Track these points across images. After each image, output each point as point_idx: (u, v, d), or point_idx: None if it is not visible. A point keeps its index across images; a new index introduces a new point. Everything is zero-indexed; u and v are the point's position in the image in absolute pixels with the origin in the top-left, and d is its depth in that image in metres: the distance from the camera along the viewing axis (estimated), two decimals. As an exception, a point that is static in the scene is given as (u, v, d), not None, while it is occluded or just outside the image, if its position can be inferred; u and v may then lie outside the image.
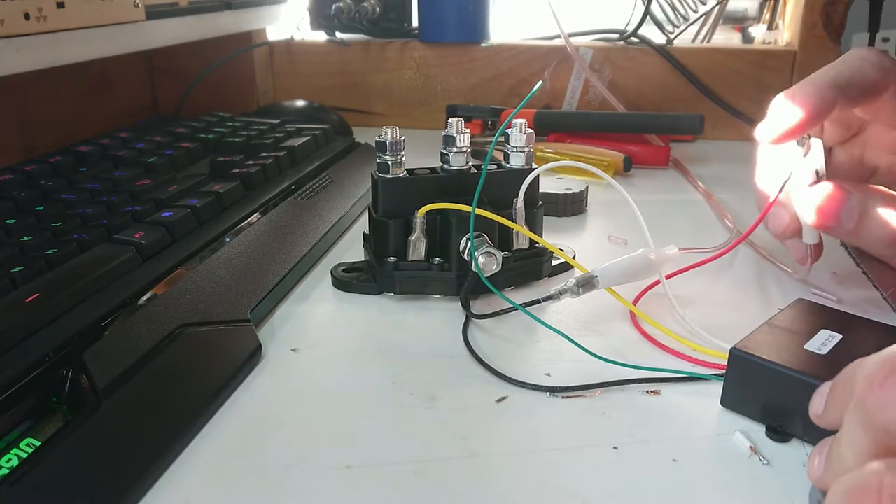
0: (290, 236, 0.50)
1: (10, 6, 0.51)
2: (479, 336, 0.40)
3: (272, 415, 0.33)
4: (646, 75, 0.83)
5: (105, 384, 0.32)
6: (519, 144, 0.45)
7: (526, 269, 0.45)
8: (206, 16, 0.75)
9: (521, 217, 0.43)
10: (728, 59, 0.82)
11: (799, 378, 0.30)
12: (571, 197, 0.59)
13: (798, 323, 0.35)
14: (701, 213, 0.60)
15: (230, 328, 0.38)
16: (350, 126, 0.79)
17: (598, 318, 0.42)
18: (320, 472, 0.29)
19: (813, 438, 0.30)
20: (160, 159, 0.59)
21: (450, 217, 0.43)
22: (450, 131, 0.44)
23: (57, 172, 0.55)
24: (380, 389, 0.35)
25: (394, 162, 0.44)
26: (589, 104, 0.84)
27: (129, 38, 0.64)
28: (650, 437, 0.32)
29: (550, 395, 0.34)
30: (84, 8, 0.58)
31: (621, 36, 0.85)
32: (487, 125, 0.80)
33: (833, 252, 0.51)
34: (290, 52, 0.90)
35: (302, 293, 0.45)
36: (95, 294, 0.39)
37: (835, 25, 0.78)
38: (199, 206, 0.49)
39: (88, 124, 0.74)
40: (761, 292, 0.45)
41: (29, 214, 0.47)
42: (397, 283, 0.44)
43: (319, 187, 0.59)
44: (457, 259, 0.43)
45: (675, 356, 0.38)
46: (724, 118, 0.82)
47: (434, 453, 0.30)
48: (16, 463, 0.28)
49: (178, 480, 0.29)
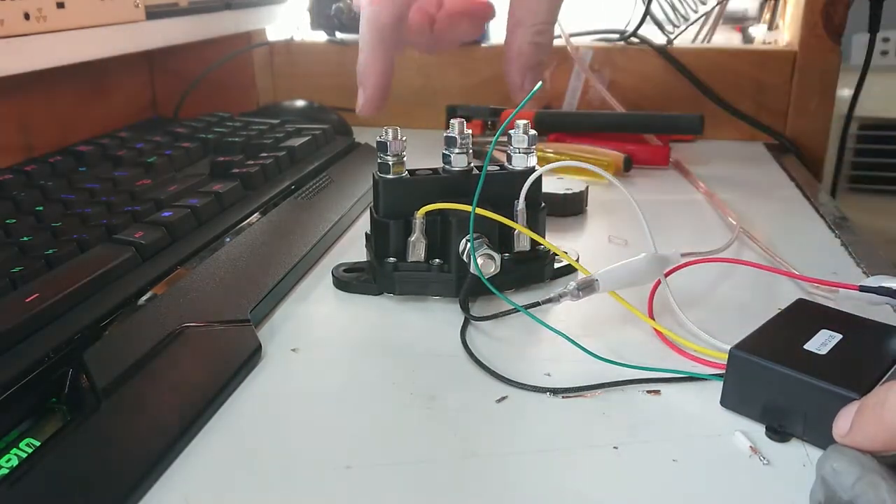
0: (290, 236, 0.50)
1: (10, 6, 0.51)
2: (479, 337, 0.40)
3: (272, 415, 0.33)
4: (646, 75, 0.83)
5: (105, 384, 0.32)
6: (521, 145, 0.45)
7: (527, 271, 0.45)
8: (206, 16, 0.75)
9: (522, 218, 0.43)
10: (728, 59, 0.82)
11: (799, 378, 0.30)
12: (571, 197, 0.59)
13: (798, 323, 0.35)
14: (701, 214, 0.60)
15: (230, 328, 0.38)
16: (350, 126, 0.79)
17: (598, 319, 0.42)
18: (320, 472, 0.29)
19: (813, 438, 0.30)
20: (160, 159, 0.59)
21: (450, 218, 0.43)
22: (451, 132, 0.44)
23: (57, 172, 0.55)
24: (380, 389, 0.35)
25: (395, 162, 0.44)
26: (589, 104, 0.84)
27: (129, 38, 0.64)
28: (650, 437, 0.32)
29: (550, 396, 0.34)
30: (84, 8, 0.58)
31: (621, 36, 0.84)
32: (487, 125, 0.80)
33: (833, 252, 0.51)
34: (290, 52, 0.90)
35: (302, 293, 0.45)
36: (95, 294, 0.39)
37: (835, 25, 0.78)
38: (198, 206, 0.49)
39: (88, 124, 0.74)
40: (761, 292, 0.45)
41: (29, 214, 0.47)
42: (397, 284, 0.44)
43: (319, 187, 0.59)
44: (456, 260, 0.43)
45: (675, 356, 0.38)
46: (724, 118, 0.82)
47: (434, 453, 0.30)
48: (16, 463, 0.28)
49: (178, 480, 0.29)
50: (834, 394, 0.29)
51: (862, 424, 0.27)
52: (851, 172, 1.44)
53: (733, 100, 0.82)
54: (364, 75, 0.50)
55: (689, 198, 0.64)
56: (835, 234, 0.54)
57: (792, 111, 0.82)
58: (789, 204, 0.63)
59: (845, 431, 0.27)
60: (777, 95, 0.82)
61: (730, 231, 0.54)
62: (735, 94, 0.82)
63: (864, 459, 0.26)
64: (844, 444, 0.27)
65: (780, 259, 0.49)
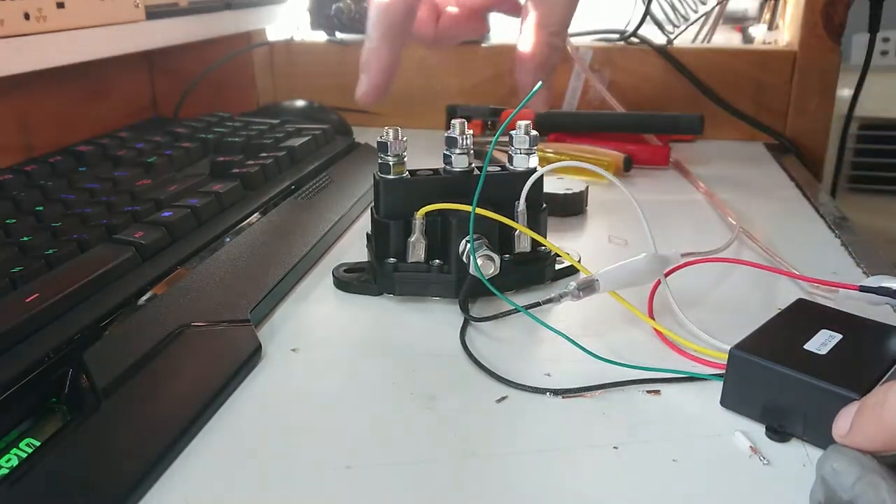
0: (290, 236, 0.50)
1: (10, 6, 0.51)
2: (480, 338, 0.40)
3: (272, 415, 0.33)
4: (646, 75, 0.83)
5: (105, 384, 0.32)
6: (523, 146, 0.45)
7: (527, 272, 0.45)
8: (206, 16, 0.75)
9: (523, 219, 0.43)
10: (728, 59, 0.82)
11: (799, 378, 0.30)
12: (572, 197, 0.59)
13: (798, 323, 0.35)
14: (701, 213, 0.60)
15: (230, 328, 0.38)
16: (350, 126, 0.79)
17: (598, 319, 0.42)
18: (320, 472, 0.29)
19: (813, 438, 0.30)
20: (160, 159, 0.59)
21: (450, 218, 0.43)
22: (452, 132, 0.44)
23: (57, 172, 0.55)
24: (380, 389, 0.35)
25: (395, 162, 0.44)
26: (589, 104, 0.84)
27: (129, 38, 0.64)
28: (650, 437, 0.32)
29: (551, 396, 0.34)
30: (84, 8, 0.58)
31: (621, 36, 0.85)
32: (487, 125, 0.80)
33: (833, 252, 0.51)
34: (290, 52, 0.90)
35: (302, 293, 0.45)
36: (95, 294, 0.39)
37: (835, 25, 0.78)
38: (198, 206, 0.49)
39: (88, 124, 0.74)
40: (761, 292, 0.45)
41: (29, 214, 0.47)
42: (397, 285, 0.44)
43: (319, 187, 0.59)
44: (456, 261, 0.43)
45: (675, 356, 0.38)
46: (724, 118, 0.82)
47: (434, 453, 0.30)
48: (16, 463, 0.28)
49: (178, 480, 0.29)
50: (834, 394, 0.29)
51: (861, 424, 0.27)
52: (851, 172, 1.44)
53: (733, 100, 0.82)
54: (369, 61, 0.49)
55: (689, 198, 0.64)
56: (835, 234, 0.54)
57: (792, 111, 0.82)
58: (789, 204, 0.63)
59: (845, 431, 0.27)
60: (777, 95, 0.82)
61: (730, 231, 0.54)
62: (735, 94, 0.82)
63: (864, 459, 0.26)
64: (844, 444, 0.27)
65: (780, 259, 0.49)
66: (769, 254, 0.50)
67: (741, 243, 0.53)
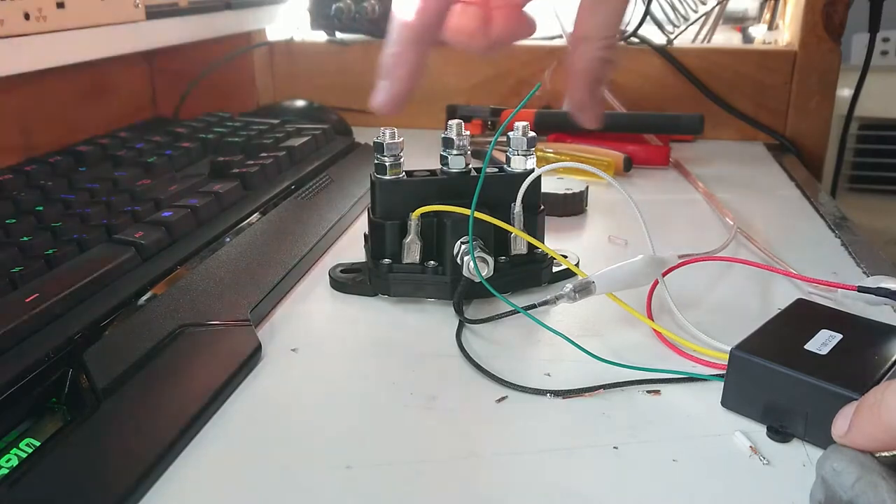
0: (290, 236, 0.50)
1: (10, 6, 0.51)
2: (477, 340, 0.40)
3: (272, 415, 0.33)
4: (646, 75, 0.83)
5: (105, 384, 0.32)
6: (520, 147, 0.44)
7: (524, 275, 0.45)
8: (206, 16, 0.75)
9: (519, 221, 0.43)
10: (728, 59, 0.82)
11: (800, 378, 0.30)
12: (571, 197, 0.59)
13: (798, 323, 0.35)
14: (701, 213, 0.60)
15: (230, 328, 0.38)
16: (350, 126, 0.79)
17: (597, 320, 0.42)
18: (320, 472, 0.29)
19: (814, 438, 0.30)
20: (160, 159, 0.59)
21: (445, 220, 0.42)
22: (449, 133, 0.44)
23: (57, 172, 0.55)
24: (380, 389, 0.35)
25: (392, 163, 0.43)
26: (589, 104, 0.84)
27: (129, 38, 0.64)
28: (650, 437, 0.32)
29: (551, 397, 0.34)
30: (84, 8, 0.58)
31: (621, 36, 0.84)
32: (487, 125, 0.80)
33: (833, 252, 0.51)
34: (290, 52, 0.90)
35: (302, 293, 0.45)
36: (95, 294, 0.39)
37: (835, 25, 0.78)
38: (198, 206, 0.49)
39: (88, 124, 0.74)
40: (761, 292, 0.45)
41: (29, 214, 0.47)
42: (391, 286, 0.44)
43: (319, 187, 0.59)
44: (451, 263, 0.42)
45: (674, 357, 0.38)
46: (724, 118, 0.82)
47: (434, 453, 0.30)
48: (16, 463, 0.28)
49: (178, 480, 0.29)
50: (835, 394, 0.29)
51: (860, 424, 0.27)
52: (851, 172, 1.44)
53: (733, 100, 0.82)
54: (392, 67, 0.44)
55: (689, 198, 0.64)
56: (835, 234, 0.54)
57: (792, 111, 0.82)
58: (789, 204, 0.63)
59: (844, 431, 0.27)
60: (777, 95, 0.82)
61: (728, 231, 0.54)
62: (735, 94, 0.82)
63: (864, 459, 0.26)
64: (843, 444, 0.27)
65: (777, 259, 0.49)
66: (766, 253, 0.50)
67: (739, 244, 0.53)
